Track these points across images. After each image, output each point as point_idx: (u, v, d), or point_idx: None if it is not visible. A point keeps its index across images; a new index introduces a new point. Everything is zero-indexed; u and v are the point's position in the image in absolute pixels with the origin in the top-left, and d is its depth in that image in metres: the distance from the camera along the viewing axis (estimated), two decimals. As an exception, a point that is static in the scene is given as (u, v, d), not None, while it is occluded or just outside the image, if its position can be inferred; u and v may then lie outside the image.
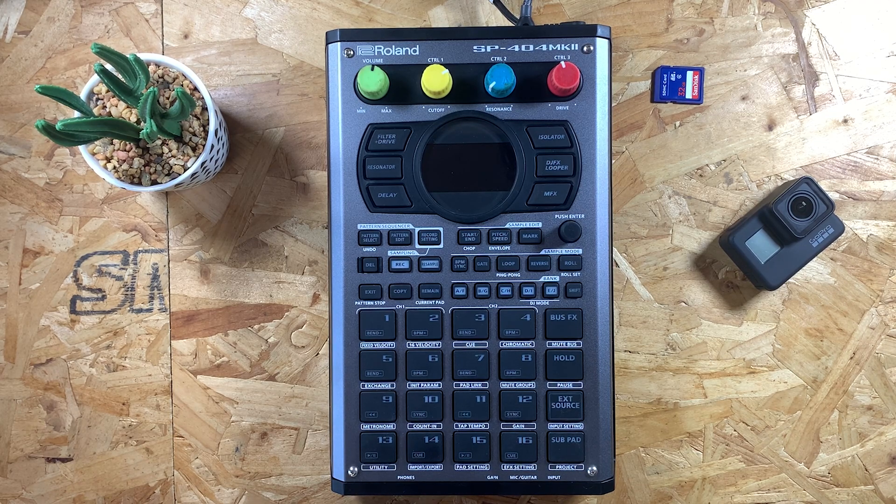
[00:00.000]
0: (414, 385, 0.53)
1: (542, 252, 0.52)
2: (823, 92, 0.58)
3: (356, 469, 0.53)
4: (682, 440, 0.58)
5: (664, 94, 0.57)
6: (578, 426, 0.52)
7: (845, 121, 0.58)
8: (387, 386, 0.53)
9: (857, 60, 0.57)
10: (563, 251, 0.52)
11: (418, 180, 0.52)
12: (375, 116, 0.52)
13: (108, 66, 0.48)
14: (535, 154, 0.52)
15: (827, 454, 0.57)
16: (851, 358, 0.57)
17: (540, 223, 0.52)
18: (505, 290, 0.52)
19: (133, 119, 0.51)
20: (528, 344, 0.52)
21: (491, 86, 0.50)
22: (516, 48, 0.52)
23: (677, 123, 0.58)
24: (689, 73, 0.56)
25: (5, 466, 0.58)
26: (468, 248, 0.52)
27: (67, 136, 0.47)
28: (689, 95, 0.57)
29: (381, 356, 0.53)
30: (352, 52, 0.52)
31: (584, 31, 0.52)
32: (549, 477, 0.53)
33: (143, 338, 0.58)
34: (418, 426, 0.53)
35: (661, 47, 0.57)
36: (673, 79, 0.56)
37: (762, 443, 0.57)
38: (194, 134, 0.52)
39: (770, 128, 0.58)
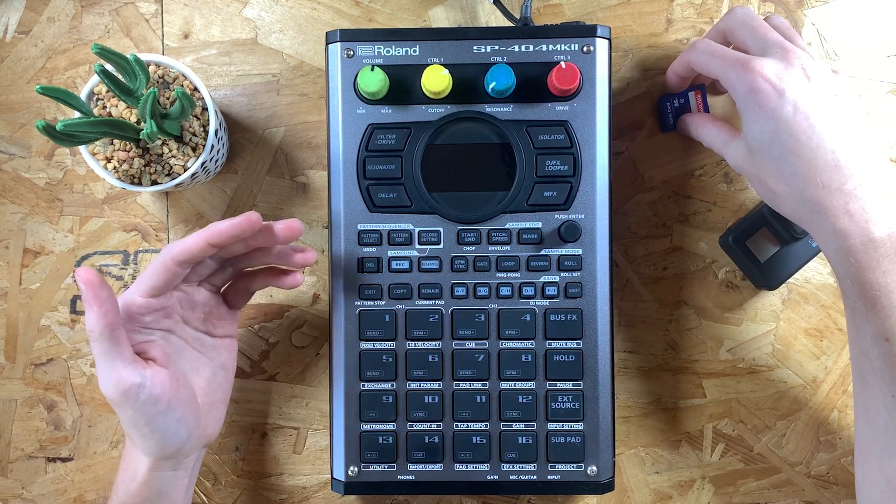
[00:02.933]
0: (414, 385, 0.53)
1: (542, 252, 0.52)
2: (823, 92, 0.58)
3: (356, 469, 0.53)
4: (682, 440, 0.58)
5: (673, 123, 0.56)
6: (578, 426, 0.52)
7: (845, 121, 0.57)
8: (387, 386, 0.53)
9: (857, 60, 0.57)
10: (563, 251, 0.52)
11: (418, 180, 0.52)
12: (375, 116, 0.52)
13: (108, 67, 0.48)
14: (535, 154, 0.52)
15: (827, 454, 0.57)
16: (851, 358, 0.57)
17: (540, 223, 0.52)
18: (505, 290, 0.52)
19: (133, 119, 0.51)
20: (528, 344, 0.53)
21: (491, 86, 0.50)
22: (516, 48, 0.52)
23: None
24: (691, 95, 0.56)
25: (5, 466, 0.58)
26: (468, 248, 0.52)
27: (68, 137, 0.47)
28: None
29: (381, 356, 0.53)
30: (352, 53, 0.52)
31: (583, 32, 0.52)
32: (549, 477, 0.53)
33: (143, 338, 0.58)
34: (418, 426, 0.53)
35: (661, 47, 0.57)
36: (677, 104, 0.56)
37: (762, 443, 0.58)
38: (194, 134, 0.52)
39: (770, 128, 0.57)
